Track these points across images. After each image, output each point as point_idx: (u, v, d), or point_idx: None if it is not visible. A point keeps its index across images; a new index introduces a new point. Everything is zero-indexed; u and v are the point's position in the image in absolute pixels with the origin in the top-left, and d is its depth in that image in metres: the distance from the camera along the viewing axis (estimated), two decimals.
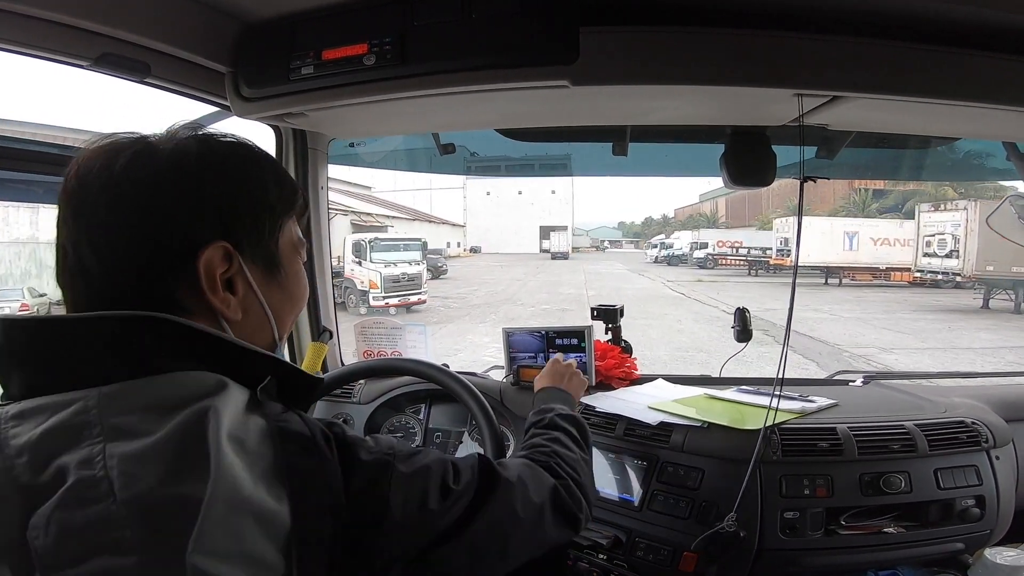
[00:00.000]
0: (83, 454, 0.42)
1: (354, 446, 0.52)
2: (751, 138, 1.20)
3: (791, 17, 0.84)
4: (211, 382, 0.46)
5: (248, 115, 1.06)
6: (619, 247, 73.45)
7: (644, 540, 1.10)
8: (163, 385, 0.45)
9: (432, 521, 0.55)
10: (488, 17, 0.84)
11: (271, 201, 0.55)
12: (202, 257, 0.50)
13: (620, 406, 1.27)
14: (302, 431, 0.49)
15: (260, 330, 0.56)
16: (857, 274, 20.15)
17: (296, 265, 0.59)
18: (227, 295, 0.52)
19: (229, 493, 0.42)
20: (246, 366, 0.50)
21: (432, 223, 42.44)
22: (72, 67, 0.88)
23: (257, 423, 0.47)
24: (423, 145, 1.59)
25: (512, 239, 54.74)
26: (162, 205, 0.49)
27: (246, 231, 0.53)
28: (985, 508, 1.07)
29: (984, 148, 1.46)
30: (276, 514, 0.44)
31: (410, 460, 0.55)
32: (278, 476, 0.45)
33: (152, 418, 0.44)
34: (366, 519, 0.50)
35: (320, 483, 0.47)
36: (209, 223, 0.51)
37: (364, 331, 1.62)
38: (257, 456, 0.45)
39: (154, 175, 0.49)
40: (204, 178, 0.51)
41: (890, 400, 1.35)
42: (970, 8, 0.82)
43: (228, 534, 0.42)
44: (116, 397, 0.44)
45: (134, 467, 0.42)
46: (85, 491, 0.42)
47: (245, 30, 0.97)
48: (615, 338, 1.55)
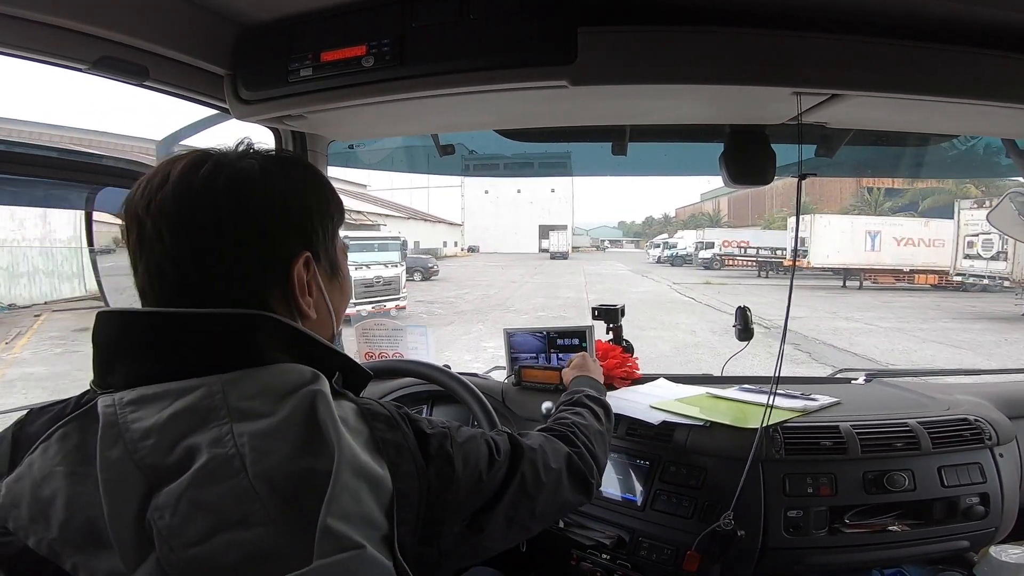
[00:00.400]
0: (213, 434, 0.47)
1: (419, 422, 0.59)
2: (750, 137, 1.20)
3: (789, 16, 0.84)
4: (308, 373, 0.52)
5: (247, 117, 1.06)
6: (619, 247, 73.25)
7: (647, 540, 1.09)
8: (275, 374, 0.51)
9: (484, 483, 0.62)
10: (486, 18, 0.84)
11: (331, 212, 0.62)
12: (296, 267, 0.57)
13: (622, 406, 1.26)
14: (383, 411, 0.56)
15: (325, 326, 0.63)
16: (879, 276, 19.26)
17: (346, 266, 0.67)
18: (309, 298, 0.59)
19: (351, 462, 0.48)
20: (324, 359, 0.56)
21: (428, 222, 42.16)
22: (71, 70, 0.88)
23: (348, 406, 0.54)
24: (422, 146, 1.59)
25: (511, 238, 54.39)
26: (261, 222, 0.55)
27: (318, 241, 0.60)
28: (989, 506, 1.07)
29: (983, 145, 1.46)
30: (383, 479, 0.51)
31: (460, 431, 0.63)
32: (376, 448, 0.52)
33: (270, 401, 0.49)
34: (441, 480, 0.57)
35: (406, 453, 0.54)
36: (296, 236, 0.58)
37: (365, 333, 1.62)
38: (357, 431, 0.52)
39: (253, 194, 0.55)
40: (289, 197, 0.58)
41: (893, 398, 1.35)
42: (969, 6, 0.82)
43: (352, 498, 0.47)
44: (237, 383, 0.49)
45: (264, 443, 0.47)
46: (219, 467, 0.46)
47: (243, 32, 0.97)
48: (616, 338, 1.55)
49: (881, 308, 13.64)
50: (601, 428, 0.88)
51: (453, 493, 0.58)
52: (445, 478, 0.57)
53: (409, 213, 37.72)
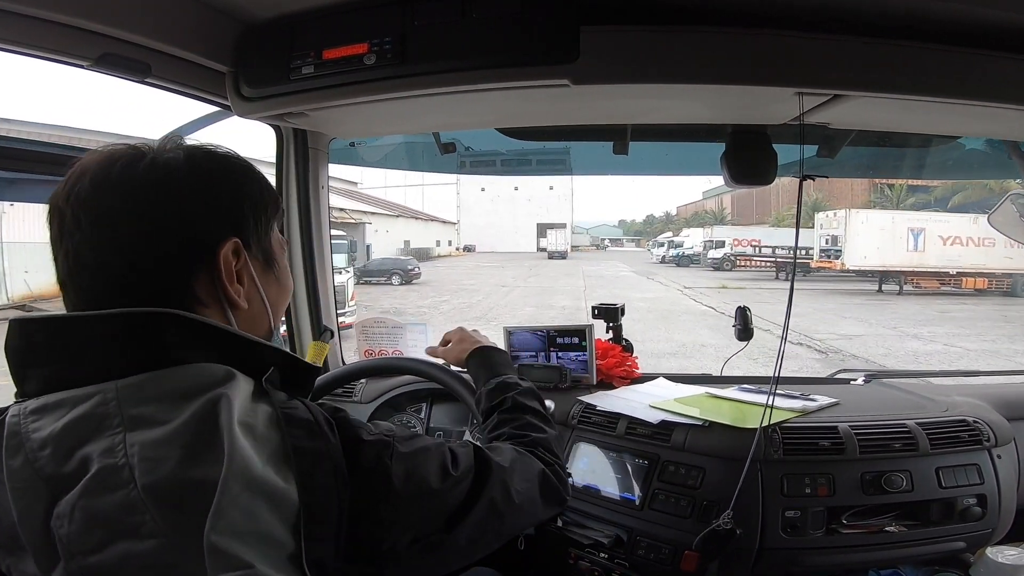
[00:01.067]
0: (105, 443, 0.45)
1: (356, 428, 0.56)
2: (752, 137, 1.20)
3: (792, 16, 0.84)
4: (220, 373, 0.49)
5: (248, 115, 1.06)
6: (620, 246, 72.03)
7: (645, 539, 1.09)
8: (177, 376, 0.48)
9: (434, 499, 0.58)
10: (488, 16, 0.84)
11: (266, 203, 0.61)
12: (222, 251, 0.55)
13: (621, 405, 1.27)
14: (306, 417, 0.52)
15: (260, 319, 0.61)
16: (921, 280, 16.83)
17: (284, 260, 0.65)
18: (238, 286, 0.56)
19: (242, 474, 0.45)
20: (251, 356, 0.54)
21: (419, 220, 39.95)
22: (73, 67, 0.88)
23: (264, 410, 0.50)
24: (423, 144, 1.59)
25: (508, 237, 52.15)
26: (185, 208, 0.53)
27: (249, 229, 0.58)
28: (987, 507, 1.07)
29: (986, 146, 1.46)
30: (285, 493, 0.47)
31: (409, 441, 0.59)
32: (285, 458, 0.48)
33: (168, 407, 0.47)
34: (371, 494, 0.53)
35: (325, 464, 0.50)
36: (223, 222, 0.56)
37: (365, 330, 1.62)
38: (265, 439, 0.48)
39: (175, 181, 0.53)
40: (216, 183, 0.56)
41: (891, 399, 1.35)
42: (971, 7, 0.82)
43: (243, 513, 0.44)
44: (134, 389, 0.47)
45: (153, 453, 0.45)
46: (108, 478, 0.44)
47: (245, 30, 0.97)
48: (616, 337, 1.55)
49: (944, 321, 11.40)
50: (554, 431, 0.84)
51: (389, 509, 0.54)
52: (377, 492, 0.54)
53: (398, 211, 36.27)
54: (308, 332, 1.53)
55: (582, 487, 1.19)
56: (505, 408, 0.84)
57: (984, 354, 8.26)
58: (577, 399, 1.33)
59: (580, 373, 1.45)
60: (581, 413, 1.29)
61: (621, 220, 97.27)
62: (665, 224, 66.60)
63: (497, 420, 0.83)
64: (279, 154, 1.42)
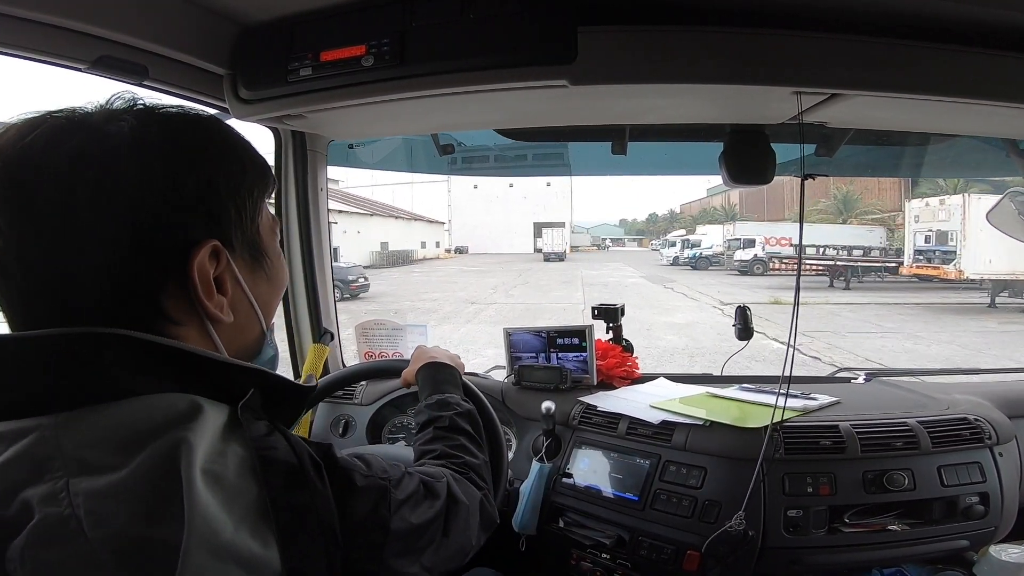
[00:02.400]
0: (46, 489, 0.38)
1: (348, 471, 0.49)
2: (750, 136, 1.20)
3: (789, 15, 0.84)
4: (183, 406, 0.41)
5: (246, 117, 1.06)
6: (621, 246, 70.50)
7: (647, 539, 1.09)
8: (128, 411, 0.40)
9: (418, 539, 0.55)
10: (486, 17, 0.84)
11: (249, 184, 0.49)
12: (195, 260, 0.44)
13: (622, 405, 1.27)
14: (289, 460, 0.44)
15: (248, 326, 0.52)
16: None
17: (276, 247, 0.55)
18: (220, 297, 0.47)
19: (207, 539, 0.38)
20: (224, 379, 0.45)
21: (400, 219, 35.27)
22: (70, 70, 0.88)
23: (236, 453, 0.42)
24: (422, 145, 1.58)
25: (503, 238, 48.53)
26: (137, 201, 0.42)
27: (230, 222, 0.47)
28: (989, 505, 1.07)
29: (984, 144, 1.46)
30: (263, 561, 0.40)
31: (401, 486, 0.55)
32: (263, 515, 0.41)
33: (117, 451, 0.39)
34: (367, 548, 0.49)
35: (312, 521, 0.44)
36: (193, 218, 0.44)
37: (366, 332, 1.62)
38: (237, 492, 0.41)
39: (118, 163, 0.41)
40: (179, 165, 0.44)
41: (892, 397, 1.35)
42: (969, 6, 0.82)
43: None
44: (76, 425, 0.39)
45: (102, 505, 0.38)
46: (53, 530, 0.38)
47: (243, 32, 0.97)
48: (616, 337, 1.55)
49: None
50: (485, 457, 0.79)
51: (380, 561, 0.50)
52: (373, 547, 0.49)
53: (372, 209, 31.68)
54: (308, 335, 1.53)
55: (583, 488, 1.19)
56: (442, 426, 0.80)
57: None
58: (578, 400, 1.33)
59: (580, 374, 1.44)
60: (582, 414, 1.29)
61: (622, 219, 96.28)
62: (669, 222, 64.90)
63: (432, 435, 0.79)
64: (277, 156, 1.42)
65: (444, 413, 0.82)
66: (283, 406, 0.49)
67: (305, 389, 0.53)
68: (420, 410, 0.86)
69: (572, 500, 1.19)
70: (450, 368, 0.95)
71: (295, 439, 0.46)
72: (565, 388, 1.41)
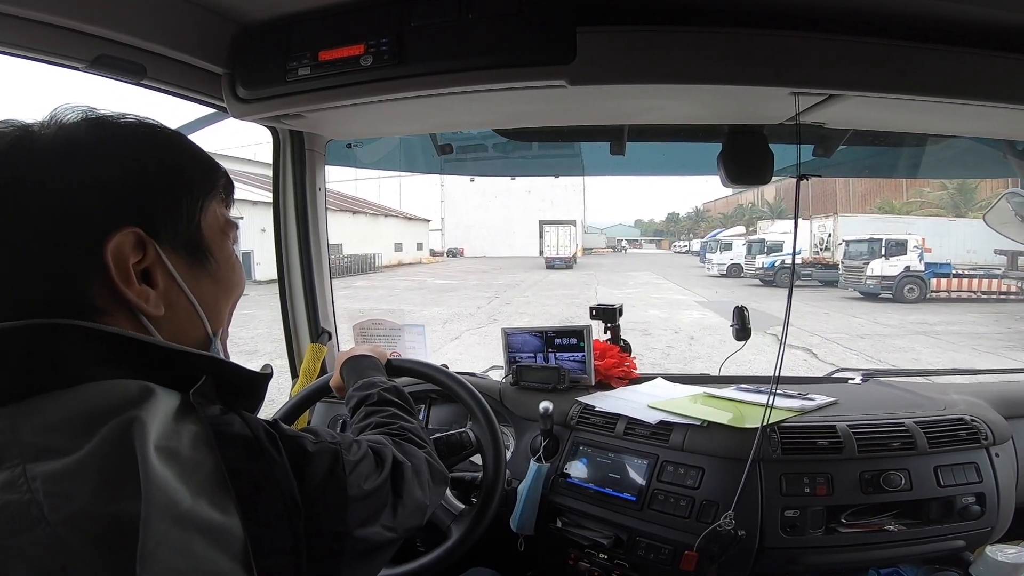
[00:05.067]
0: (4, 477, 0.39)
1: (298, 439, 0.50)
2: (748, 137, 1.20)
3: (787, 16, 0.85)
4: (134, 390, 0.43)
5: (244, 116, 1.06)
6: (638, 247, 65.89)
7: (645, 539, 1.09)
8: (81, 397, 0.42)
9: (375, 502, 0.56)
10: (485, 17, 0.84)
11: (187, 181, 0.51)
12: (109, 245, 0.45)
13: (620, 405, 1.27)
14: (244, 433, 0.45)
15: (190, 325, 0.52)
16: None
17: (226, 250, 0.56)
18: (144, 288, 0.48)
19: (167, 509, 0.39)
20: (175, 367, 0.47)
21: (365, 215, 27.48)
22: (68, 69, 0.88)
23: (190, 430, 0.43)
24: (421, 145, 1.58)
25: (503, 238, 42.59)
26: (56, 193, 0.44)
27: (161, 215, 0.49)
28: (985, 505, 1.07)
29: (981, 145, 1.46)
30: (224, 527, 0.41)
31: (352, 450, 0.56)
32: (221, 485, 0.42)
33: (73, 434, 0.40)
34: (329, 510, 0.50)
35: (271, 489, 0.45)
36: (115, 208, 0.46)
37: (363, 332, 1.62)
38: (194, 465, 0.42)
39: (42, 163, 0.44)
40: (102, 160, 0.47)
41: (889, 398, 1.35)
42: (966, 6, 0.82)
43: (177, 552, 0.39)
44: (29, 414, 0.41)
45: (61, 487, 0.39)
46: (17, 515, 0.38)
47: (241, 31, 0.97)
48: (614, 337, 1.55)
49: None
50: (420, 422, 0.83)
51: (343, 523, 0.51)
52: (335, 506, 0.50)
53: None
54: (306, 334, 1.53)
55: (581, 488, 1.19)
56: (372, 402, 0.84)
57: None
58: (576, 400, 1.33)
59: (578, 374, 1.45)
60: (580, 414, 1.29)
61: (637, 220, 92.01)
62: (695, 222, 60.31)
63: (365, 412, 0.82)
64: (275, 156, 1.42)
65: (371, 391, 0.86)
66: (240, 394, 0.50)
67: (261, 376, 0.54)
68: (349, 396, 0.89)
69: (570, 500, 1.19)
70: (369, 357, 1.01)
71: (248, 415, 0.48)
72: (563, 388, 1.41)
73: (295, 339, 1.53)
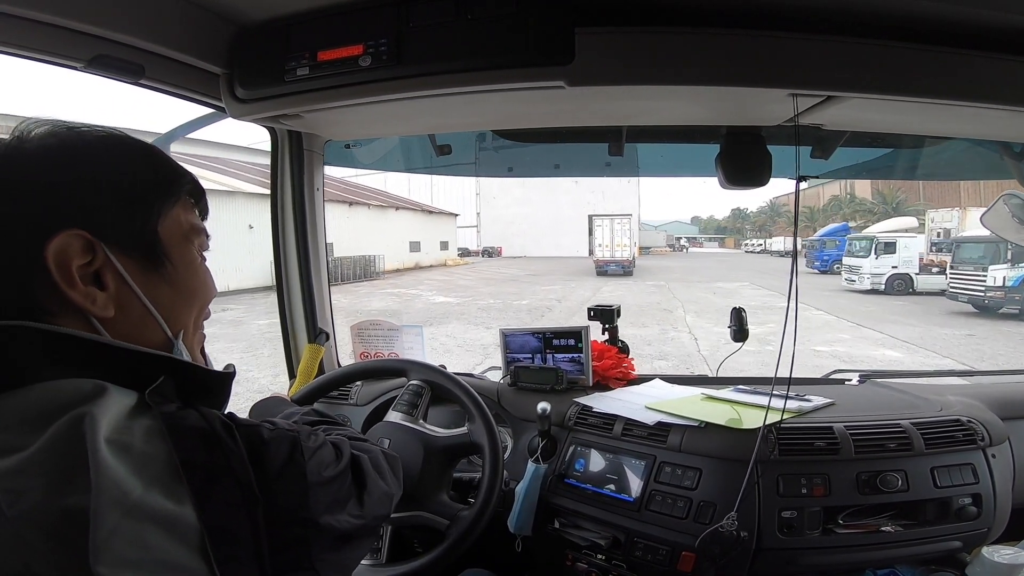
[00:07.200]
0: None
1: (255, 427, 0.50)
2: (746, 138, 1.20)
3: (785, 17, 0.85)
4: (87, 388, 0.43)
5: (243, 116, 1.06)
6: (699, 246, 60.41)
7: (642, 540, 1.09)
8: (35, 396, 0.43)
9: (337, 490, 0.56)
10: (484, 18, 0.84)
11: (140, 187, 0.52)
12: (50, 246, 0.45)
13: (617, 406, 1.27)
14: (199, 425, 0.46)
15: (145, 328, 0.52)
16: None
17: (188, 256, 0.55)
18: (91, 289, 0.48)
19: (117, 500, 0.40)
20: (131, 367, 0.47)
21: (368, 207, 22.81)
22: (67, 68, 0.88)
23: (143, 425, 0.44)
24: (420, 145, 1.58)
25: (546, 236, 36.52)
26: (6, 197, 0.46)
27: (112, 219, 0.49)
28: (982, 506, 1.08)
29: (978, 146, 1.47)
30: (178, 516, 0.42)
31: (311, 439, 0.56)
32: (175, 476, 0.43)
33: (24, 431, 0.41)
34: (289, 496, 0.50)
35: (227, 478, 0.45)
36: (59, 211, 0.47)
37: (361, 333, 1.62)
38: (147, 458, 0.42)
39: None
40: (50, 164, 0.48)
41: (886, 399, 1.35)
42: (964, 8, 0.82)
43: (130, 542, 0.40)
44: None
45: (16, 483, 0.39)
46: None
47: (240, 31, 0.97)
48: (612, 338, 1.55)
49: None
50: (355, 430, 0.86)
51: (310, 508, 0.51)
52: (295, 494, 0.50)
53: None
54: (304, 335, 1.53)
55: (579, 489, 1.19)
56: (306, 422, 0.81)
57: None
58: (573, 401, 1.33)
59: (576, 375, 1.45)
60: (577, 415, 1.29)
61: (694, 216, 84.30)
62: (770, 217, 51.36)
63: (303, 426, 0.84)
64: (274, 156, 1.42)
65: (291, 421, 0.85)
66: (202, 394, 0.50)
67: (223, 375, 0.54)
68: None
69: (568, 501, 1.19)
70: (274, 397, 1.06)
71: (205, 410, 0.48)
72: (561, 389, 1.41)
73: (292, 339, 1.53)
